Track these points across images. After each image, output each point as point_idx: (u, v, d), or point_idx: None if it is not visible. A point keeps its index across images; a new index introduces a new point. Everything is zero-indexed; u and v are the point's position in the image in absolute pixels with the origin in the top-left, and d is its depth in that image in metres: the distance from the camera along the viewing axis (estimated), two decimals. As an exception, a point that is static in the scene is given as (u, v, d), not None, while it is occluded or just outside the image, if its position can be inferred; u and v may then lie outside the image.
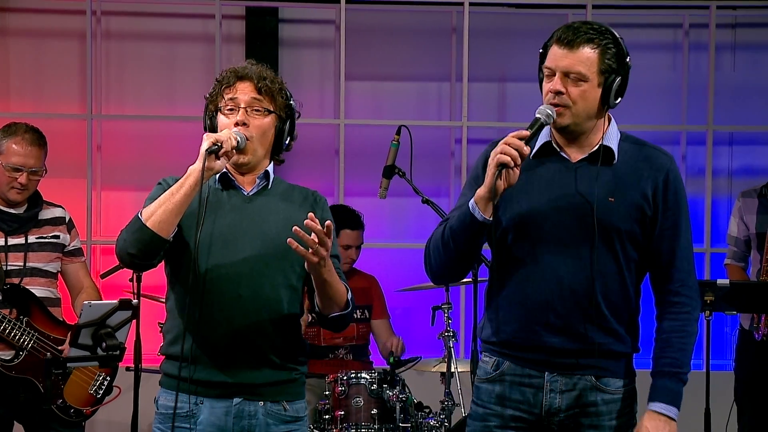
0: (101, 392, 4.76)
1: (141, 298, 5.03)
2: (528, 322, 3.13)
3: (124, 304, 3.33)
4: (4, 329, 4.46)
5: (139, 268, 3.25)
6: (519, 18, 7.03)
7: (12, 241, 4.64)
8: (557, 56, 3.08)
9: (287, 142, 3.33)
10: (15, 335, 4.48)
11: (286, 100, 3.29)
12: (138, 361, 4.89)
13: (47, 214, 4.76)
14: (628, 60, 3.14)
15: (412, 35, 7.03)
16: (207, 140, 3.10)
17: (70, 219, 4.84)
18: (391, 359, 5.09)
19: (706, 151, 6.89)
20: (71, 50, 6.81)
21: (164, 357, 3.31)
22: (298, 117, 3.36)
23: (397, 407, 4.82)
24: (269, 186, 3.31)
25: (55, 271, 4.75)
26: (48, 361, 3.39)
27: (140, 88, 6.86)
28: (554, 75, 3.08)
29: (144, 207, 3.20)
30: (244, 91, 3.23)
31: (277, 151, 3.33)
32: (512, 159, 2.96)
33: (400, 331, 5.93)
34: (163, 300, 3.35)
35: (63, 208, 4.85)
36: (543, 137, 3.18)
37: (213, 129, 3.28)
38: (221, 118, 3.25)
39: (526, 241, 3.13)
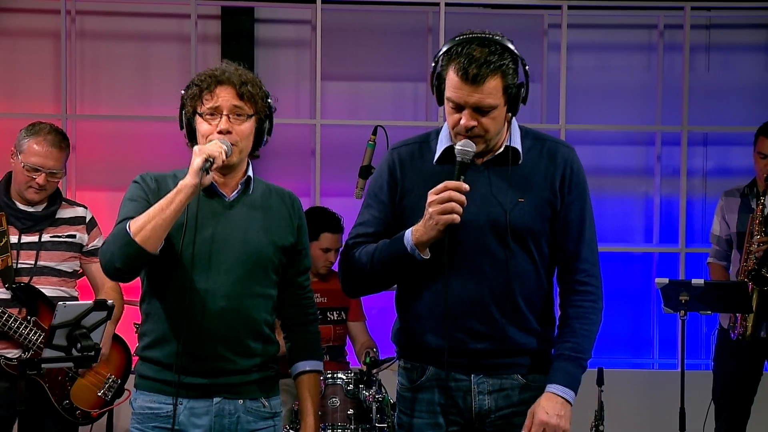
0: (110, 394, 4.72)
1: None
2: (451, 328, 3.12)
3: (99, 305, 3.32)
4: (11, 327, 4.43)
5: (124, 281, 3.24)
6: (495, 18, 7.03)
7: (25, 239, 4.59)
8: (463, 92, 3.05)
9: (266, 139, 3.34)
10: (21, 334, 4.45)
11: (265, 100, 3.28)
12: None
13: (67, 213, 4.71)
14: (526, 67, 3.13)
15: (388, 35, 7.03)
16: (199, 156, 3.06)
17: (92, 219, 4.78)
18: (368, 359, 5.09)
19: (680, 151, 6.92)
20: (46, 50, 6.78)
21: (139, 359, 3.31)
22: (274, 111, 3.35)
23: (374, 407, 4.82)
24: (249, 191, 3.32)
25: (70, 271, 4.69)
26: (22, 362, 3.37)
27: (115, 87, 6.83)
28: (461, 109, 3.06)
29: (122, 209, 3.20)
30: (226, 98, 3.20)
31: (256, 148, 3.33)
32: (458, 214, 2.99)
33: (377, 332, 5.92)
34: (137, 303, 3.35)
35: (85, 208, 4.80)
36: (444, 141, 3.18)
37: (191, 131, 3.26)
38: (202, 124, 3.21)
39: (441, 248, 3.10)
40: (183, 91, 3.28)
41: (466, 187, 3.01)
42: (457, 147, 3.06)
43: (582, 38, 6.97)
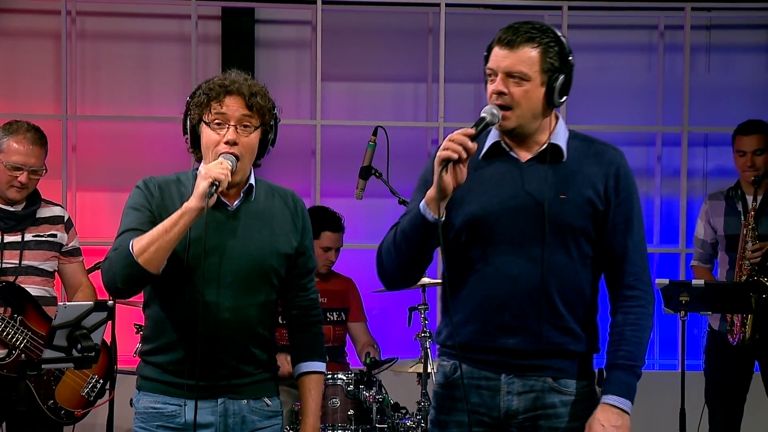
0: (93, 395, 4.72)
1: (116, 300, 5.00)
2: (483, 323, 3.12)
3: (100, 306, 3.32)
4: None
5: (124, 298, 3.25)
6: (495, 19, 7.02)
7: (8, 238, 4.60)
8: (498, 57, 3.08)
9: (269, 149, 3.32)
10: (8, 333, 4.44)
11: (272, 112, 3.26)
12: (113, 362, 4.87)
13: (46, 212, 4.72)
14: (570, 58, 3.13)
15: (388, 36, 7.04)
16: (205, 180, 3.04)
17: (69, 218, 4.80)
18: (368, 360, 5.10)
19: (681, 152, 6.92)
20: (46, 50, 6.78)
21: (141, 361, 3.32)
22: (279, 122, 3.33)
23: (374, 408, 4.83)
24: (252, 197, 3.30)
25: (51, 270, 4.70)
26: (23, 362, 3.37)
27: (116, 88, 6.83)
28: (496, 75, 3.08)
29: (125, 218, 3.20)
30: (234, 107, 3.17)
31: (258, 157, 3.30)
32: (456, 153, 2.95)
33: (377, 332, 5.93)
34: (138, 304, 3.37)
35: (62, 207, 4.83)
36: (492, 138, 3.18)
37: (196, 137, 3.24)
38: (208, 133, 3.19)
39: (478, 242, 3.12)
40: (189, 98, 3.26)
41: (471, 131, 2.99)
42: (486, 107, 3.07)
43: (582, 39, 6.96)
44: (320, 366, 3.43)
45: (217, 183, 3.05)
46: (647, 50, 7.15)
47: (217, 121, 3.18)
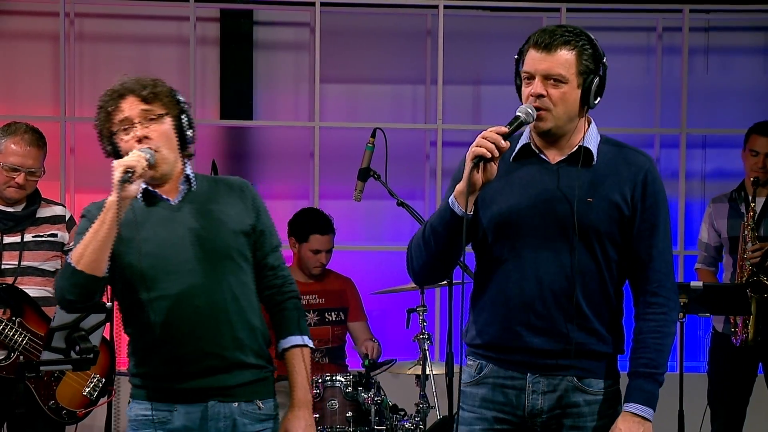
0: (95, 394, 4.72)
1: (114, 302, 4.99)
2: (509, 322, 3.14)
3: (98, 307, 3.32)
4: None
5: (83, 310, 3.23)
6: (493, 21, 7.04)
7: (8, 239, 4.60)
8: (535, 60, 3.09)
9: (190, 134, 3.29)
10: (7, 335, 4.44)
11: (172, 96, 3.27)
12: (115, 360, 4.87)
13: (46, 212, 4.72)
14: (604, 60, 3.15)
15: (387, 38, 7.04)
16: (118, 170, 3.06)
17: (71, 217, 4.80)
18: (366, 362, 5.10)
19: (679, 154, 6.93)
20: (45, 52, 6.78)
21: (133, 375, 3.32)
22: (189, 107, 3.33)
23: (373, 410, 4.83)
24: (193, 188, 3.29)
25: (53, 270, 4.69)
26: (21, 364, 3.37)
27: (114, 90, 6.82)
28: (533, 79, 3.09)
29: (73, 245, 3.20)
30: (131, 106, 3.20)
31: (183, 147, 3.29)
32: (489, 151, 2.96)
33: (375, 334, 5.92)
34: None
35: (64, 207, 4.82)
36: (522, 139, 3.20)
37: (119, 154, 3.24)
38: (121, 142, 3.22)
39: (506, 241, 3.15)
40: (95, 122, 3.29)
41: (505, 129, 3.00)
42: (522, 106, 3.08)
43: (581, 41, 6.97)
44: (299, 339, 3.34)
45: (130, 170, 3.05)
46: (645, 52, 7.16)
47: (123, 126, 3.22)
